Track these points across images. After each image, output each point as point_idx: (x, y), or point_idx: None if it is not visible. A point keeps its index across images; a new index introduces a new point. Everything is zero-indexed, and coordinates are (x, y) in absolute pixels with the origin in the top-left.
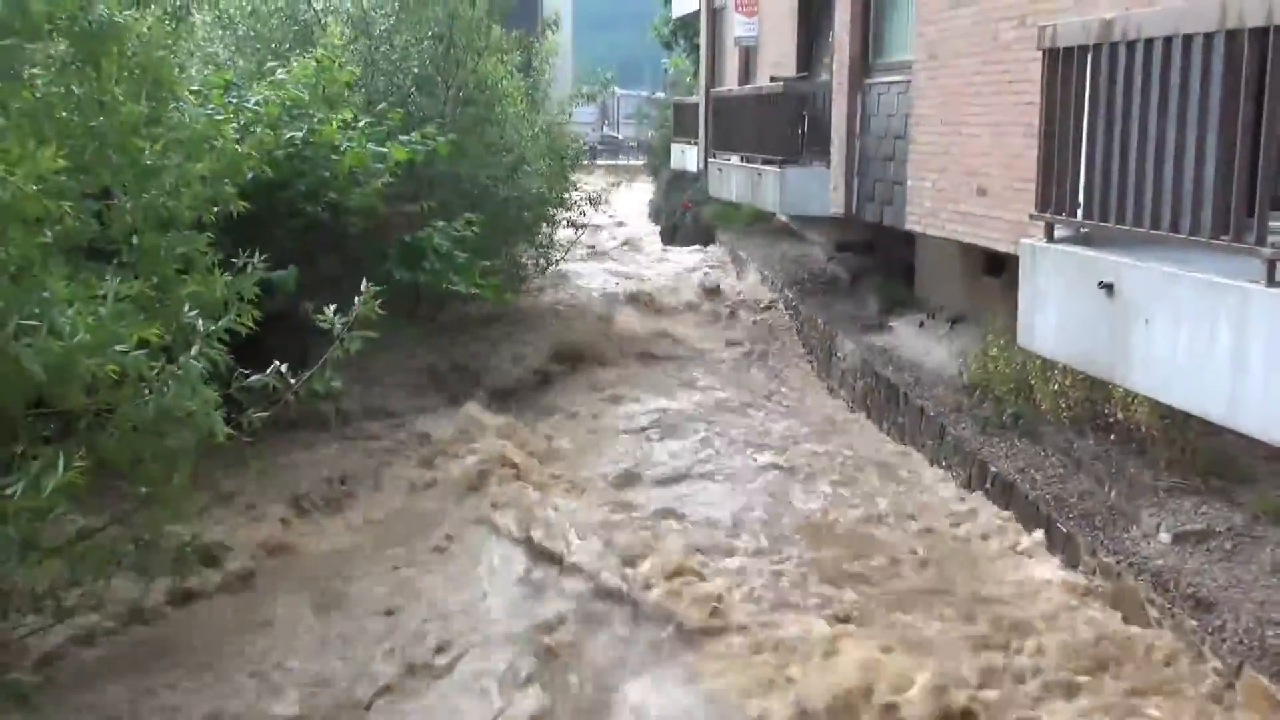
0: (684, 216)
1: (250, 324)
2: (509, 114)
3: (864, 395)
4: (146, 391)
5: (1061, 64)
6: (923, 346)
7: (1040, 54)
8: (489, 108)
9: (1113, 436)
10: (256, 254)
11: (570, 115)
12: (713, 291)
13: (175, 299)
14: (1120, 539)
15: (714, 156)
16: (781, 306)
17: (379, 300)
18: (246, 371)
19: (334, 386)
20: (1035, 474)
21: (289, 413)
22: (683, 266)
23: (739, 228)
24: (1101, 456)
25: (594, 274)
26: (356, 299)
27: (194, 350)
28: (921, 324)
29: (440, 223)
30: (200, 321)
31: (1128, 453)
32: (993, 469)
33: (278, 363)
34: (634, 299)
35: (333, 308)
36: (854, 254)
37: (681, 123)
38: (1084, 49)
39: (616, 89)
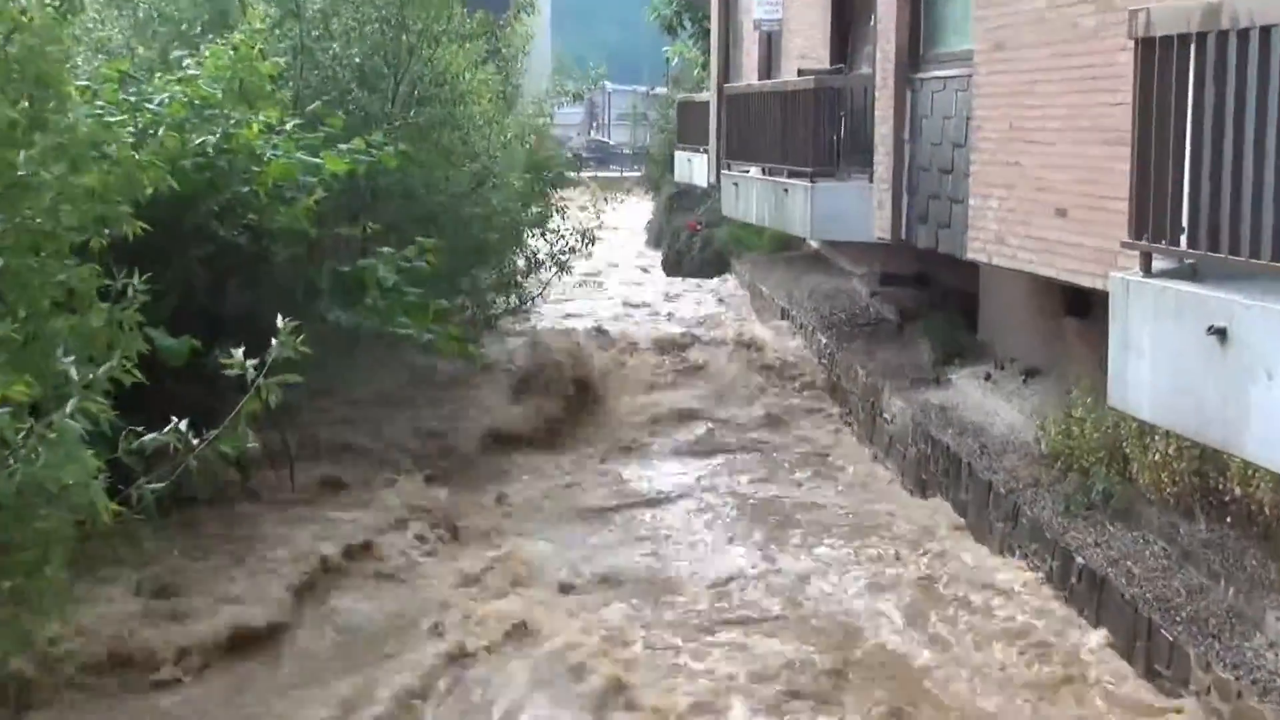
0: (691, 241)
1: (133, 370)
2: (474, 115)
3: (917, 466)
4: (10, 460)
5: (1158, 56)
6: (990, 405)
7: (1131, 44)
8: (449, 107)
9: (1228, 519)
10: (152, 282)
11: (550, 117)
12: (726, 336)
13: (48, 341)
14: (1240, 649)
15: (729, 168)
16: (813, 355)
17: (302, 339)
18: (138, 430)
19: (246, 448)
20: (1132, 566)
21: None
22: (688, 302)
23: (760, 256)
24: (1215, 544)
25: (580, 310)
26: (276, 339)
27: (70, 406)
28: (988, 377)
29: (386, 250)
30: (76, 369)
31: (1248, 539)
32: (1079, 560)
33: (177, 420)
34: (627, 344)
35: (241, 350)
36: (903, 289)
37: (688, 126)
38: (1185, 38)
39: (607, 84)
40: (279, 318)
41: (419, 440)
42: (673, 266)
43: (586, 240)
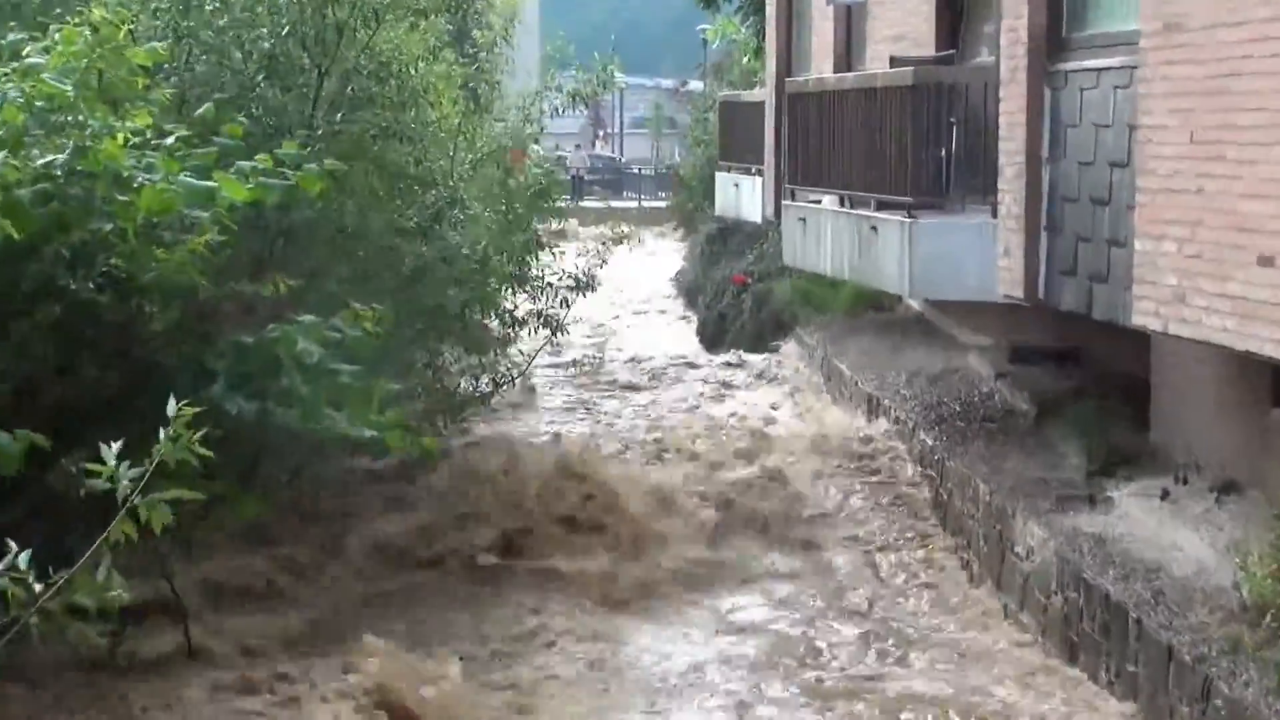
0: (738, 300)
1: None
2: (431, 122)
3: (1063, 622)
4: None
5: None
6: (1168, 535)
7: None
8: (395, 111)
9: None
10: None
11: (540, 126)
12: (788, 432)
13: None
14: None
15: (792, 196)
16: (913, 462)
17: (197, 432)
18: None
19: (115, 598)
20: None
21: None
22: (733, 388)
23: (836, 321)
24: None
25: (575, 403)
26: (162, 433)
27: None
28: (1164, 494)
29: (307, 318)
30: None
31: None
32: None
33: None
34: (647, 452)
35: (115, 447)
36: (1041, 368)
37: (734, 136)
38: None
39: (618, 76)
40: (170, 402)
41: (373, 575)
42: (713, 335)
43: (584, 286)
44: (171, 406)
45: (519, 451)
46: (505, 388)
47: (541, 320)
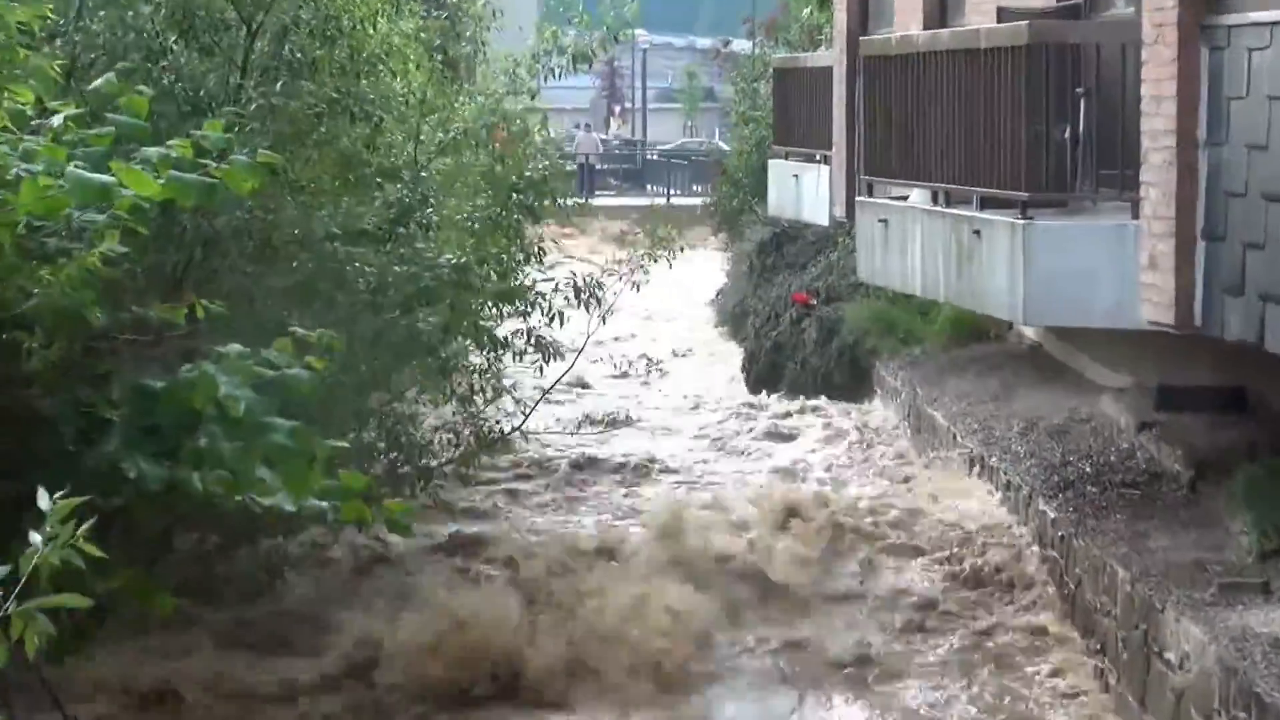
0: (799, 325)
1: None
2: (395, 95)
3: None
4: None
5: None
6: None
7: None
8: (348, 80)
9: None
10: None
11: (532, 93)
12: (863, 503)
13: None
14: None
15: (869, 190)
16: (1029, 537)
17: (85, 517)
18: None
19: None
20: None
21: None
22: (785, 438)
23: (927, 353)
24: None
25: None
26: (46, 514)
27: None
28: None
29: (233, 348)
30: None
31: None
32: None
33: None
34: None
35: None
36: (1198, 416)
37: (792, 112)
38: None
39: (640, 32)
40: (42, 495)
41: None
42: (764, 374)
43: (587, 295)
44: (44, 500)
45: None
46: (498, 442)
47: (531, 342)
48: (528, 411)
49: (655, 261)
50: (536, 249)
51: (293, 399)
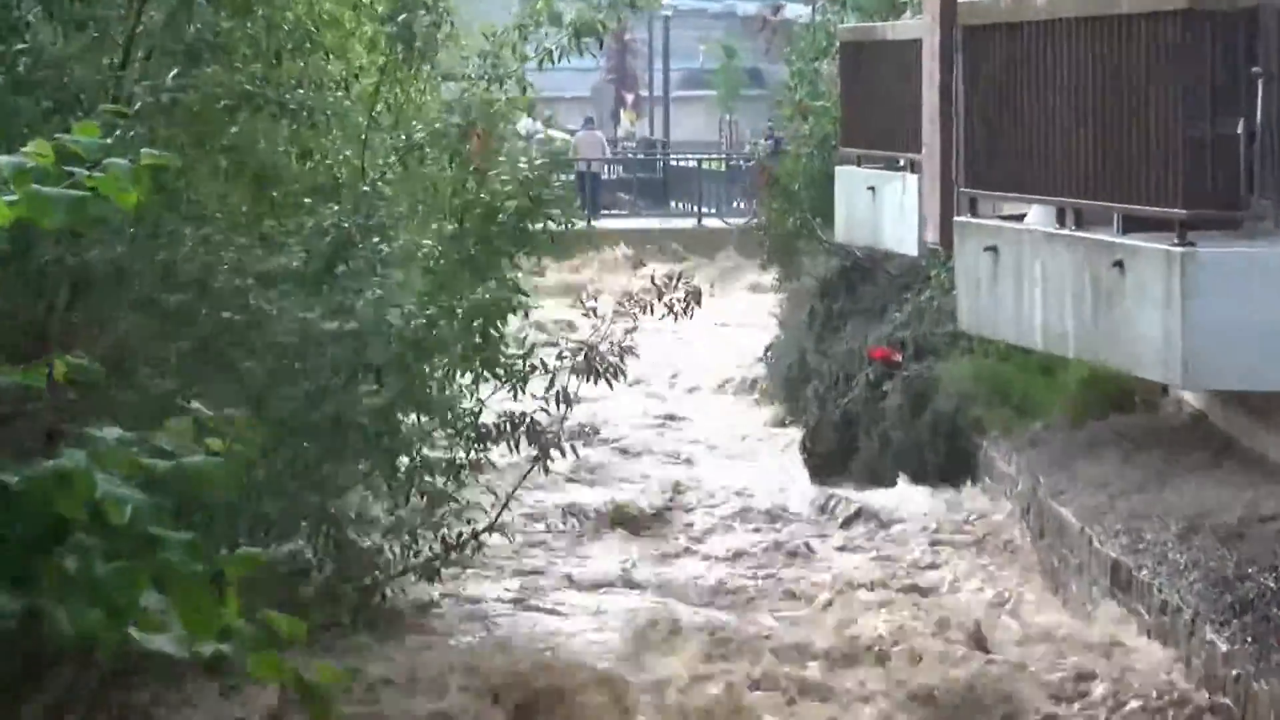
0: (877, 387)
1: None
2: (334, 84)
3: None
4: None
5: None
6: None
7: None
8: (267, 65)
9: None
10: None
11: (524, 85)
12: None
13: None
14: None
15: (972, 210)
16: (1192, 677)
17: None
18: None
19: None
20: None
21: None
22: (860, 550)
23: (1053, 427)
24: None
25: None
26: None
27: None
28: None
29: (110, 434)
30: None
31: None
32: None
33: None
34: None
35: None
36: None
37: (868, 102)
38: None
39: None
40: None
41: None
42: (832, 454)
43: (602, 371)
44: None
45: None
46: (467, 550)
47: (524, 430)
48: (510, 493)
49: (669, 313)
50: (517, 296)
51: (195, 500)
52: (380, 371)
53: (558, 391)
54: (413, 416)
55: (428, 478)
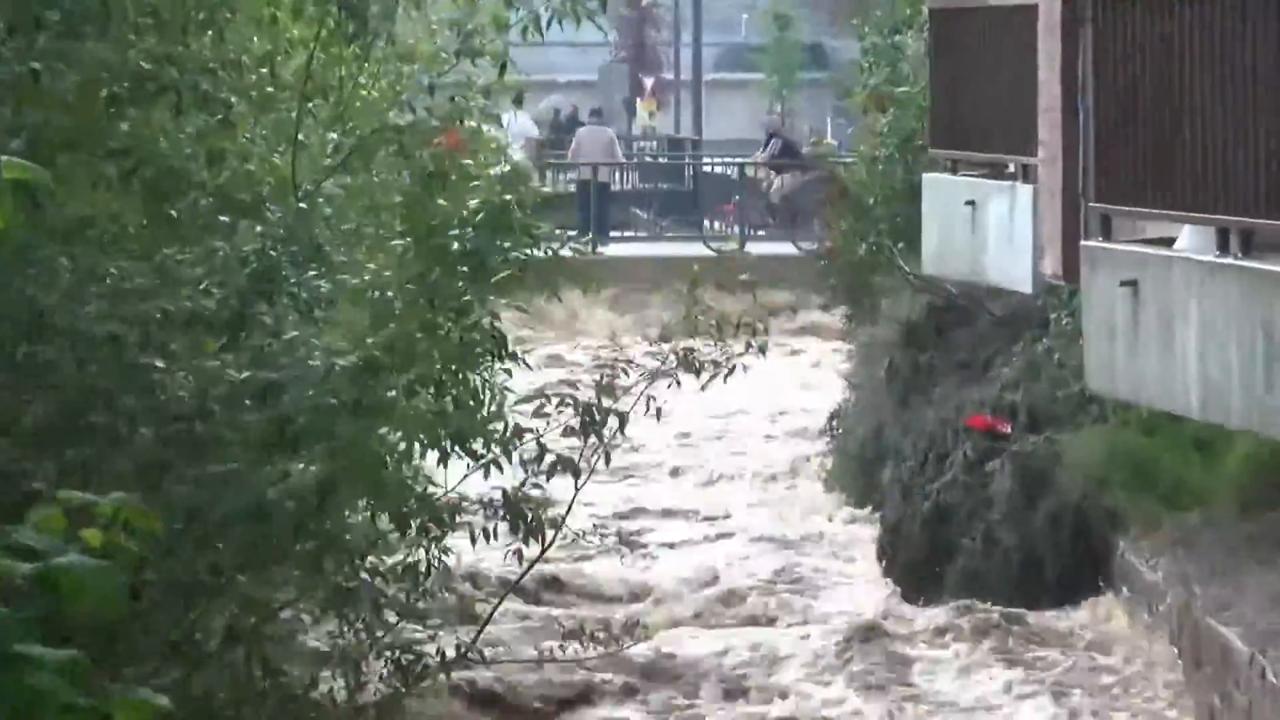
0: (978, 467)
1: None
2: (253, 64)
3: None
4: None
5: None
6: None
7: None
8: (166, 40)
9: None
10: None
11: (503, 65)
12: None
13: None
14: None
15: (1104, 232)
16: None
17: None
18: None
19: None
20: None
21: None
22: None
23: (1211, 522)
24: None
25: None
26: None
27: None
28: None
29: None
30: None
31: None
32: None
33: None
34: None
35: None
36: None
37: (963, 90)
38: None
39: None
40: None
41: None
42: (917, 558)
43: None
44: None
45: None
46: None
47: (502, 515)
48: (496, 605)
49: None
50: (495, 340)
51: (70, 613)
52: (306, 440)
53: (553, 462)
54: (362, 504)
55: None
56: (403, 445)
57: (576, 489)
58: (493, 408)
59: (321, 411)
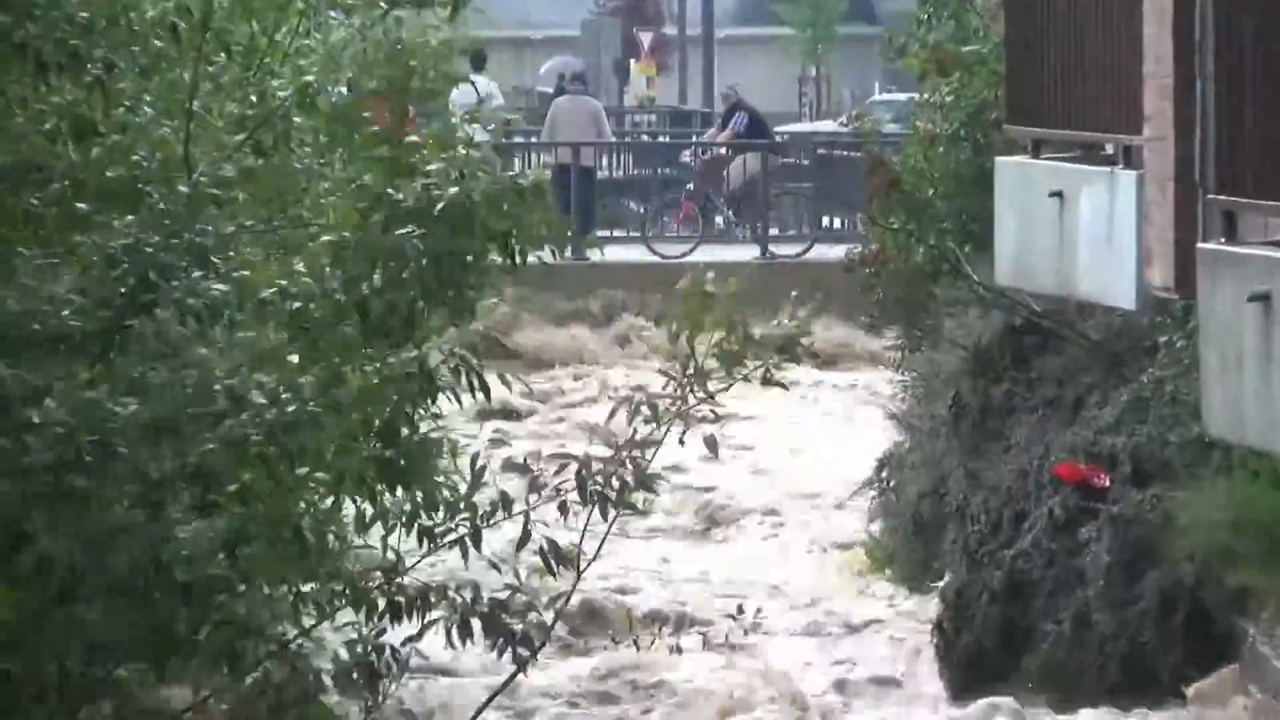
0: (1065, 530)
1: None
2: (142, 16)
3: None
4: None
5: None
6: None
7: None
8: None
9: None
10: None
11: (455, 4)
12: None
13: None
14: None
15: (1224, 234)
16: None
17: None
18: None
19: None
20: None
21: None
22: None
23: None
24: None
25: None
26: None
27: None
28: None
29: None
30: None
31: None
32: None
33: None
34: None
35: None
36: None
37: (1044, 48)
38: None
39: None
40: None
41: None
42: (985, 642)
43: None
44: None
45: None
46: None
47: (475, 612)
48: None
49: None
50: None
51: None
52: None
53: (542, 547)
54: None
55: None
56: (329, 502)
57: (574, 585)
58: (444, 460)
59: (228, 451)
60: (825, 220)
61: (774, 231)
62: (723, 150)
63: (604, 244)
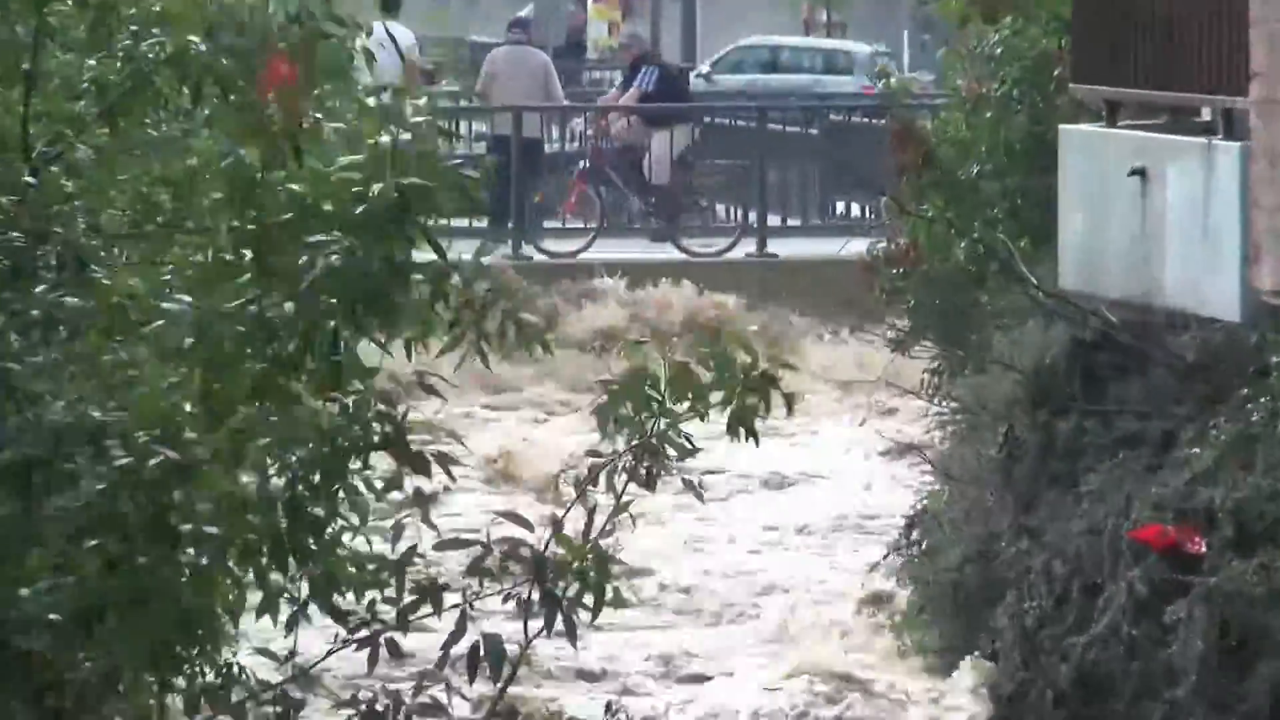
0: (1146, 612)
1: None
2: None
3: None
4: None
5: None
6: None
7: None
8: None
9: None
10: None
11: None
12: None
13: None
14: None
15: None
16: None
17: None
18: None
19: None
20: None
21: None
22: None
23: None
24: None
25: None
26: None
27: None
28: None
29: None
30: None
31: None
32: None
33: None
34: None
35: None
36: None
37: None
38: None
39: None
40: None
41: None
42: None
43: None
44: None
45: None
46: None
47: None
48: None
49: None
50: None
51: None
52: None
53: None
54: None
55: None
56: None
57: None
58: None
59: (88, 509)
60: (839, 206)
61: (696, 223)
62: (627, 119)
63: (554, 237)
